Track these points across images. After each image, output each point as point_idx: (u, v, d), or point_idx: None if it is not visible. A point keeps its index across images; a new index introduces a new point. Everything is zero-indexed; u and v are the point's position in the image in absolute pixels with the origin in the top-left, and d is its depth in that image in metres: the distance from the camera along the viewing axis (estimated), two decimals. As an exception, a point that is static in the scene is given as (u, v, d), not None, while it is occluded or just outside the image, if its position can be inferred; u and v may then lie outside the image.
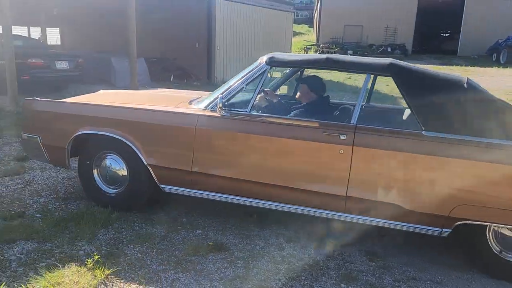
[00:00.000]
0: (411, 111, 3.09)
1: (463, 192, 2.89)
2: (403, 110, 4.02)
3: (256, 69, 3.47)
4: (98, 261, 2.90)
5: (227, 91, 3.47)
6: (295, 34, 31.99)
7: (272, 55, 3.51)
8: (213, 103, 3.44)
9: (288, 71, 4.28)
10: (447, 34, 35.44)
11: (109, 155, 3.73)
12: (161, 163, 3.50)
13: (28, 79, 9.26)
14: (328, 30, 31.98)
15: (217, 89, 3.74)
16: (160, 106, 3.70)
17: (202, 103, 3.58)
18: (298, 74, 4.29)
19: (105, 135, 3.59)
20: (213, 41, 14.12)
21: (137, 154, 3.51)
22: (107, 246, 3.17)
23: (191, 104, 3.71)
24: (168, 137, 3.48)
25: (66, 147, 3.71)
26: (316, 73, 4.60)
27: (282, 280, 2.88)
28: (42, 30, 17.78)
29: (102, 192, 3.80)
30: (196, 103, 3.69)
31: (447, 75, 3.38)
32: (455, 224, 2.95)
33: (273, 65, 3.46)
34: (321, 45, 30.07)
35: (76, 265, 2.88)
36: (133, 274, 2.85)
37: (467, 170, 2.86)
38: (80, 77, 10.76)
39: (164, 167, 3.50)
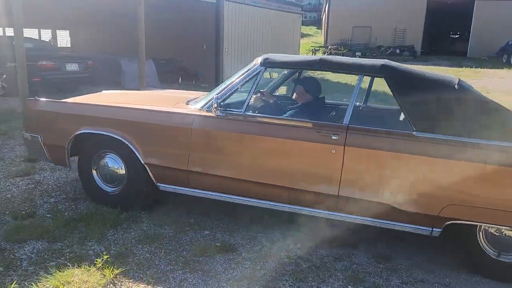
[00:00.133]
0: (402, 111, 3.11)
1: (452, 192, 2.92)
2: (399, 110, 4.01)
3: (251, 70, 3.52)
4: (107, 261, 2.94)
5: (222, 92, 3.52)
6: (303, 35, 31.98)
7: (266, 56, 3.56)
8: (209, 103, 3.49)
9: (286, 72, 4.32)
10: (456, 36, 35.22)
11: (108, 154, 3.80)
12: (158, 162, 3.56)
13: (39, 81, 9.39)
14: (336, 32, 31.93)
15: (214, 90, 3.79)
16: (157, 106, 3.76)
17: (199, 104, 3.63)
18: (297, 75, 4.31)
19: (103, 134, 3.66)
20: (221, 43, 14.17)
21: (135, 153, 3.57)
22: (116, 246, 3.21)
23: (188, 104, 3.76)
24: (165, 137, 3.55)
25: (66, 146, 3.79)
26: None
27: (289, 281, 2.89)
28: (52, 33, 17.97)
29: (101, 190, 3.88)
30: (193, 103, 3.75)
31: (439, 76, 3.39)
32: (445, 223, 2.98)
33: (268, 66, 3.52)
34: (329, 47, 30.02)
35: (85, 265, 2.91)
36: (142, 274, 2.88)
37: (457, 171, 2.89)
38: (90, 79, 10.87)
39: (161, 166, 3.57)
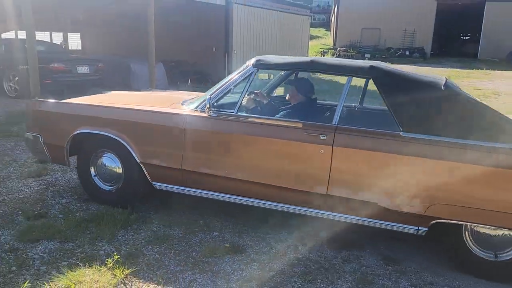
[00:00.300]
0: (390, 112, 3.15)
1: (438, 191, 2.95)
2: None
3: (244, 71, 3.58)
4: (118, 261, 2.97)
5: (215, 93, 3.57)
6: (312, 37, 31.97)
7: (259, 58, 3.62)
8: (202, 104, 3.55)
9: (283, 73, 4.35)
10: (467, 37, 34.91)
11: (106, 153, 3.87)
12: (152, 161, 3.63)
13: (50, 83, 9.50)
14: (345, 34, 31.86)
15: (208, 91, 3.84)
16: (152, 106, 3.82)
17: (193, 104, 3.69)
18: (293, 76, 4.33)
19: (101, 134, 3.74)
20: (230, 45, 14.24)
21: (131, 152, 3.64)
22: (126, 247, 3.24)
23: (183, 105, 3.82)
24: (159, 137, 3.61)
25: (65, 146, 3.87)
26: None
27: (298, 283, 2.90)
28: (63, 35, 18.17)
29: (99, 189, 3.96)
30: (187, 104, 3.81)
31: (426, 77, 3.41)
32: (431, 222, 3.01)
33: (260, 67, 3.57)
34: (338, 49, 29.95)
35: (96, 265, 2.95)
36: (152, 274, 2.91)
37: (442, 170, 2.93)
38: (100, 81, 10.97)
39: (155, 165, 3.63)
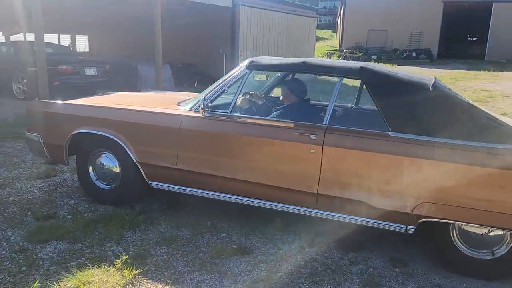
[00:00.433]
0: (379, 112, 3.19)
1: (425, 191, 2.99)
2: None
3: (238, 72, 3.65)
4: (126, 262, 3.00)
5: (209, 93, 3.63)
6: (318, 39, 31.97)
7: (252, 59, 3.68)
8: (197, 104, 3.60)
9: (280, 74, 4.38)
10: (474, 38, 34.71)
11: (104, 153, 3.94)
12: (148, 161, 3.69)
13: (58, 85, 9.58)
14: (351, 35, 31.79)
15: (203, 91, 3.88)
16: (148, 107, 3.88)
17: (188, 105, 3.75)
18: (290, 77, 4.36)
19: (98, 134, 3.80)
20: (236, 47, 14.26)
21: (127, 152, 3.71)
22: (134, 247, 3.27)
23: (179, 105, 3.87)
24: (155, 136, 3.67)
25: (64, 146, 3.94)
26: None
27: (305, 284, 2.91)
28: (71, 37, 18.31)
29: (97, 188, 4.02)
30: (183, 104, 3.86)
31: (414, 78, 3.44)
32: (419, 221, 3.04)
33: (253, 69, 3.62)
34: (344, 50, 29.89)
35: (105, 265, 2.98)
36: (160, 274, 2.93)
37: (429, 170, 2.96)
38: (107, 83, 11.05)
39: (151, 165, 3.69)
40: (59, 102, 4.22)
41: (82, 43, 20.03)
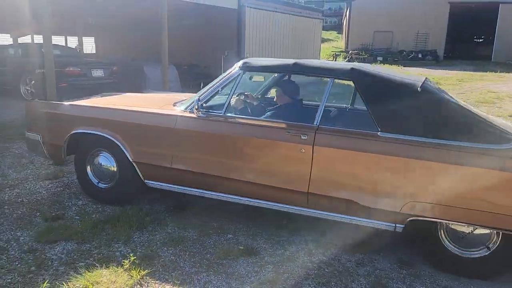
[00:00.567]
0: (368, 113, 3.22)
1: (413, 190, 3.01)
2: None
3: (231, 73, 3.70)
4: (134, 262, 3.02)
5: (204, 94, 3.68)
6: (324, 40, 31.93)
7: (245, 60, 3.74)
8: (192, 105, 3.64)
9: (276, 75, 4.38)
10: (480, 40, 34.53)
11: (101, 152, 4.00)
12: (144, 160, 3.75)
13: (66, 87, 9.64)
14: (357, 36, 31.75)
15: (198, 92, 3.92)
16: (145, 107, 3.93)
17: (183, 105, 3.80)
18: (286, 78, 4.37)
19: (96, 134, 3.86)
20: (242, 48, 14.30)
21: (124, 151, 3.76)
22: (142, 248, 3.29)
23: (175, 106, 3.91)
24: (150, 136, 3.73)
25: (62, 145, 4.01)
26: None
27: (312, 285, 2.91)
28: (78, 39, 18.40)
29: (95, 187, 4.08)
30: (179, 104, 3.91)
31: (404, 78, 3.46)
32: (407, 220, 3.07)
33: (246, 70, 3.67)
34: (350, 52, 29.84)
35: (113, 266, 3.01)
36: (167, 275, 2.95)
37: (417, 169, 2.99)
38: (114, 85, 11.10)
39: (147, 164, 3.74)
40: (58, 102, 4.30)
41: (89, 45, 20.14)
